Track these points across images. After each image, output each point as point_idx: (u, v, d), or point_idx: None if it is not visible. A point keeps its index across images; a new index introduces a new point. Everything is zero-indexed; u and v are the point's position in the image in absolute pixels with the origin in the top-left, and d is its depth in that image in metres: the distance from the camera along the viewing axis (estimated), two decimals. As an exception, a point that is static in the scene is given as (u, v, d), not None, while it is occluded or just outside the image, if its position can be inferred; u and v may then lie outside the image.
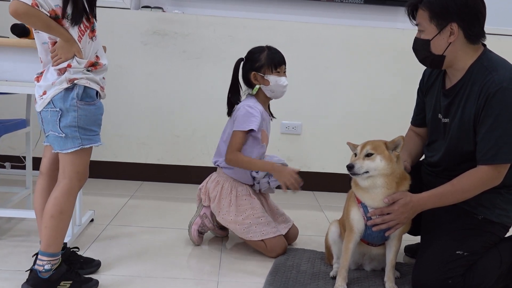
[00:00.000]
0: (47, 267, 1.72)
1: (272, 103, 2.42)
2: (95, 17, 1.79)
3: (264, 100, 2.32)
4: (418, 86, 2.16)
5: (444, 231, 1.90)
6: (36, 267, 1.73)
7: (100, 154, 3.41)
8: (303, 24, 3.41)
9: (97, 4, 1.81)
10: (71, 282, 1.76)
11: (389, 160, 1.79)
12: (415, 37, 1.91)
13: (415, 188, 1.87)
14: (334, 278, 1.96)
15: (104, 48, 1.93)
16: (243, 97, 2.34)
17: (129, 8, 3.34)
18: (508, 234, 1.97)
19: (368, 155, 1.79)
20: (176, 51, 3.35)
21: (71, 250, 1.97)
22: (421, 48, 1.88)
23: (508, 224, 1.93)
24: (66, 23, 1.68)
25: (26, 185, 2.58)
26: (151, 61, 3.35)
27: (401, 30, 3.40)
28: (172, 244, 2.31)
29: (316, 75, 3.42)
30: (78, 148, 1.72)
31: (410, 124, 2.23)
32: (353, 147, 1.89)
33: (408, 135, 2.19)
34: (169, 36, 3.33)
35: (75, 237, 2.23)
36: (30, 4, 1.58)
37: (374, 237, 1.89)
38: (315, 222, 2.80)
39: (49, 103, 1.70)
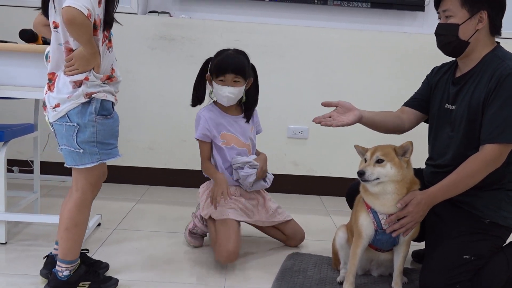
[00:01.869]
0: (65, 273, 1.75)
1: (278, 107, 2.43)
2: (111, 27, 1.73)
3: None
4: (424, 77, 2.19)
5: (451, 236, 1.89)
6: (56, 270, 1.76)
7: (107, 158, 3.42)
8: (309, 28, 3.41)
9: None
10: (89, 282, 1.78)
11: (399, 167, 1.78)
12: (440, 23, 1.94)
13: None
14: (341, 283, 1.95)
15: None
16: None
17: (136, 13, 3.36)
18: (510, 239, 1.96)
19: (379, 161, 1.78)
20: (183, 55, 3.36)
21: (81, 251, 1.96)
22: (447, 32, 1.90)
23: None
24: (99, 34, 1.62)
25: (34, 189, 2.60)
26: (158, 65, 3.37)
27: (407, 34, 3.39)
28: (178, 248, 2.31)
29: (323, 79, 3.41)
30: (97, 163, 1.69)
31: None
32: (362, 150, 1.88)
33: (394, 112, 2.21)
34: (176, 40, 3.34)
35: (82, 241, 2.23)
36: (86, 14, 1.50)
37: (383, 242, 1.88)
38: (322, 227, 2.79)
39: (63, 116, 1.64)
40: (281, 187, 3.42)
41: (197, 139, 2.28)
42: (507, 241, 1.96)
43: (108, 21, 1.65)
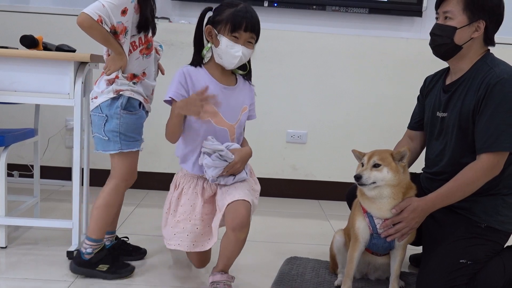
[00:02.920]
0: (88, 250, 1.97)
1: (277, 111, 2.40)
2: (154, 34, 2.03)
3: (216, 66, 1.89)
4: (420, 85, 2.21)
5: (447, 240, 1.90)
6: (81, 248, 1.99)
7: (106, 163, 3.42)
8: (308, 33, 3.43)
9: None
10: (108, 265, 1.98)
11: (396, 172, 1.80)
12: (437, 23, 1.96)
13: (418, 197, 1.87)
14: (338, 287, 1.96)
15: (162, 70, 2.23)
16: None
17: (136, 19, 3.38)
18: (509, 242, 1.97)
19: (376, 165, 1.80)
20: (182, 61, 3.33)
21: (121, 239, 2.23)
22: (443, 33, 1.91)
23: (510, 231, 1.94)
24: (122, 38, 1.86)
25: (34, 193, 2.61)
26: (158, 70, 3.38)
27: (405, 39, 3.42)
28: (177, 253, 2.32)
29: (322, 84, 3.43)
30: (117, 151, 1.94)
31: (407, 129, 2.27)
32: (359, 154, 1.90)
33: (403, 140, 2.23)
34: (176, 46, 3.36)
35: (82, 245, 2.25)
36: (96, 19, 1.76)
37: (379, 246, 1.89)
38: (320, 231, 2.80)
39: (97, 107, 1.93)
40: (280, 191, 3.44)
41: (170, 99, 1.83)
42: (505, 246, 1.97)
43: (143, 25, 1.92)
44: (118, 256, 2.11)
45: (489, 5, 1.87)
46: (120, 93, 1.91)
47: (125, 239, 2.25)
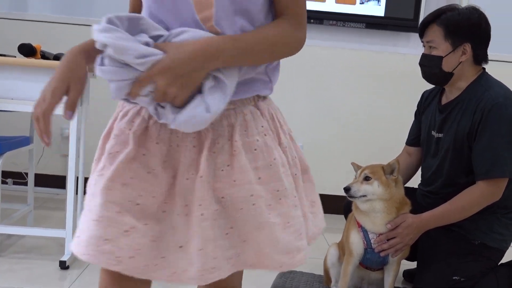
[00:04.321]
0: None
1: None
2: None
3: None
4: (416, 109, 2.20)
5: (441, 256, 1.90)
6: None
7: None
8: (305, 47, 3.41)
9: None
10: None
11: (387, 186, 1.80)
12: (424, 54, 1.95)
13: (414, 212, 1.88)
14: (332, 301, 1.96)
15: None
16: None
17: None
18: (504, 260, 1.97)
19: (366, 178, 1.81)
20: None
21: None
22: (431, 64, 1.91)
23: (504, 249, 1.94)
24: None
25: (28, 201, 2.59)
26: (154, 80, 3.39)
27: (402, 54, 3.44)
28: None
29: (317, 97, 3.45)
30: None
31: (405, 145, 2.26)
32: (357, 167, 1.91)
33: (401, 155, 2.23)
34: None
35: (74, 255, 2.23)
36: None
37: (373, 261, 1.89)
38: (314, 244, 2.77)
39: None
40: (275, 204, 3.44)
41: None
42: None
43: None
44: None
45: (469, 28, 1.86)
46: None
47: None
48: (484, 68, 1.96)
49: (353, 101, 3.45)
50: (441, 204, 1.87)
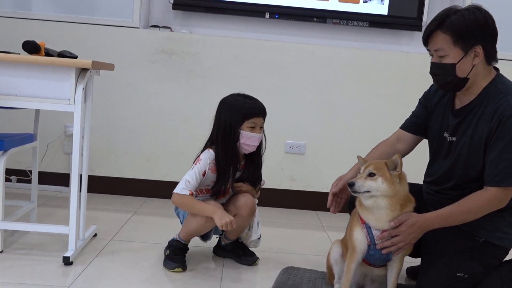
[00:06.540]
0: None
1: (276, 122, 2.40)
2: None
3: None
4: (421, 96, 2.16)
5: (445, 253, 1.90)
6: None
7: (104, 169, 3.44)
8: (309, 45, 3.45)
9: (107, 23, 1.85)
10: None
11: (391, 182, 1.80)
12: (433, 62, 1.88)
13: (418, 211, 1.87)
14: (335, 298, 1.96)
15: None
16: None
17: (138, 27, 3.40)
18: (508, 257, 1.97)
19: (371, 175, 1.81)
20: (183, 70, 3.40)
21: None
22: (444, 72, 1.84)
23: (509, 247, 1.93)
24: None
25: (31, 198, 2.60)
26: (158, 79, 3.40)
27: (405, 53, 3.44)
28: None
29: (321, 95, 3.45)
30: None
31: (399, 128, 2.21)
32: (363, 162, 1.90)
33: (390, 139, 2.19)
34: (176, 55, 3.38)
35: (77, 251, 2.24)
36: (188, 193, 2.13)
37: (376, 258, 1.89)
38: (318, 242, 2.79)
39: None
40: (278, 202, 3.43)
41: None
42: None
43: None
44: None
45: (477, 30, 1.79)
46: None
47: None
48: (497, 69, 1.91)
49: (356, 100, 3.45)
50: (445, 204, 1.85)
